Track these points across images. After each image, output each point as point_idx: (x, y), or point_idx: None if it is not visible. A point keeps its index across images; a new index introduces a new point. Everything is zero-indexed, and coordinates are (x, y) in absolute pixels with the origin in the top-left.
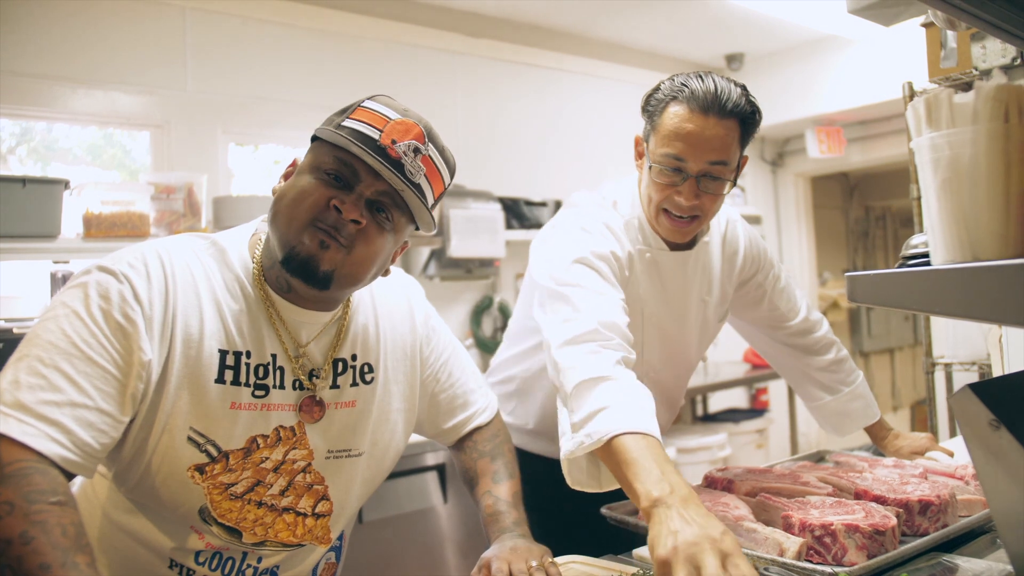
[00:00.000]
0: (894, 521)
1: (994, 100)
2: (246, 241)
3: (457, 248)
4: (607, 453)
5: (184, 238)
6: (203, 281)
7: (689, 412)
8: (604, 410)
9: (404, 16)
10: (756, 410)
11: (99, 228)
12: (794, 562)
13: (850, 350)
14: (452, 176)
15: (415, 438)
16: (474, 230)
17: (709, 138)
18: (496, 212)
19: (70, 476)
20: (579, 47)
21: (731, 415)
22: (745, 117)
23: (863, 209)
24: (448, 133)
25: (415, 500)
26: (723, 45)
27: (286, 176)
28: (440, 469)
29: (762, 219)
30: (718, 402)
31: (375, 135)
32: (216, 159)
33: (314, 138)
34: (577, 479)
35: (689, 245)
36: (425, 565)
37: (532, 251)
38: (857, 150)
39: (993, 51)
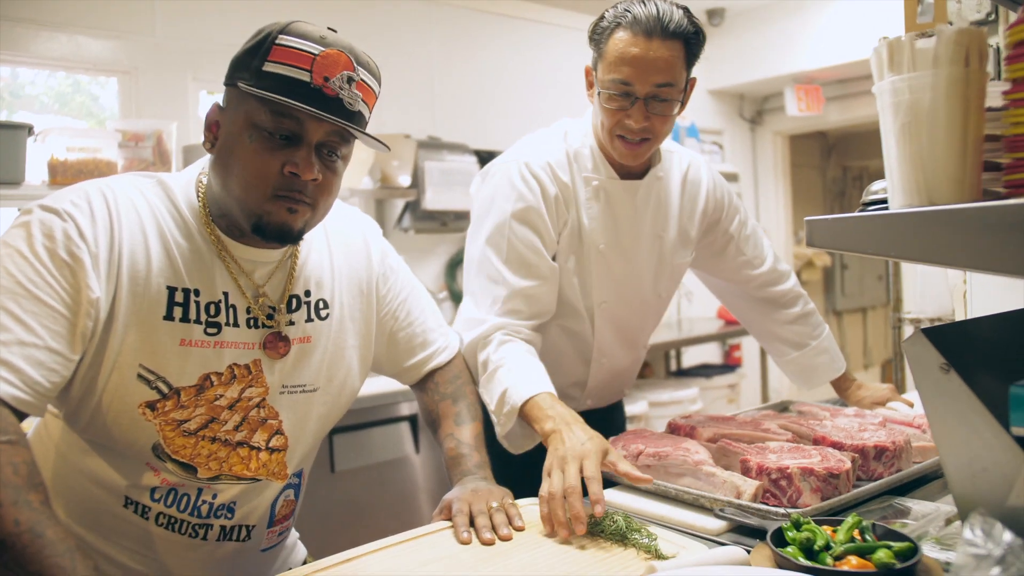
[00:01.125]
0: (848, 465)
1: (955, 44)
2: (192, 182)
3: (432, 200)
4: (522, 418)
5: (128, 176)
6: (149, 218)
7: (662, 366)
8: (505, 391)
9: None
10: (729, 365)
11: (65, 175)
12: (749, 503)
13: (823, 309)
14: (380, 82)
15: (388, 387)
16: (449, 183)
17: (653, 60)
18: (472, 165)
19: (21, 416)
20: None
21: (703, 370)
22: (689, 37)
23: (840, 169)
24: (424, 85)
25: (388, 450)
26: None
27: (211, 127)
28: (413, 420)
29: (739, 177)
30: (691, 357)
31: (305, 77)
32: (187, 107)
33: (231, 84)
34: (518, 444)
35: (640, 176)
36: (397, 514)
37: (472, 193)
38: (835, 109)
39: (969, 6)
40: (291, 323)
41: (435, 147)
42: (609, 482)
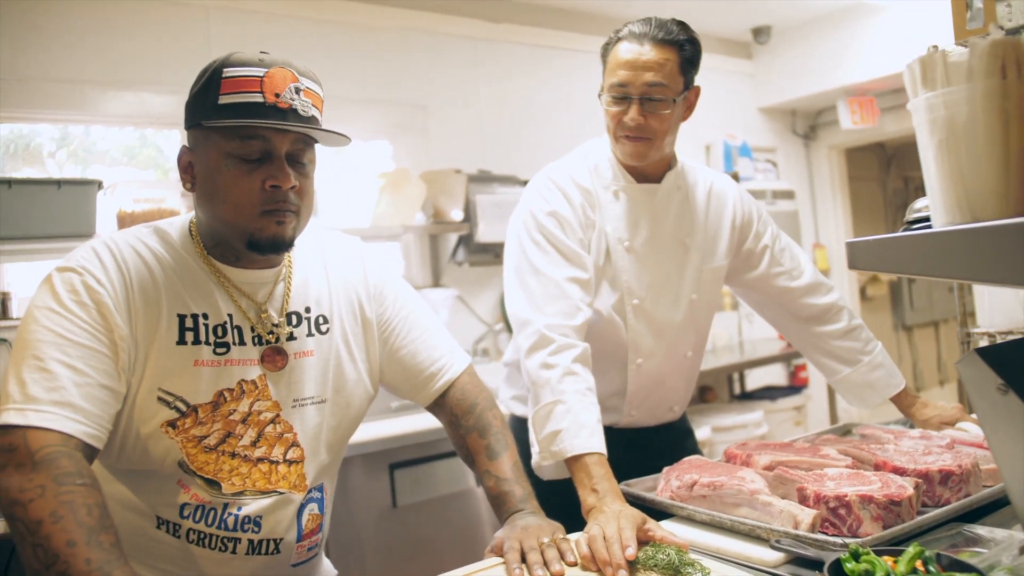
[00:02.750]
0: (911, 491)
1: (989, 56)
2: (185, 224)
3: (485, 233)
4: (566, 467)
5: (126, 230)
6: (151, 258)
7: (726, 390)
8: (559, 434)
9: (426, 5)
10: (795, 387)
11: (132, 226)
12: (807, 534)
13: (891, 325)
14: (322, 87)
15: None
16: (501, 215)
17: (645, 62)
18: None
19: (90, 457)
20: (602, 27)
21: (768, 392)
22: (682, 44)
23: (902, 180)
24: (473, 119)
25: (450, 483)
26: (749, 18)
27: (187, 170)
28: None
29: (795, 194)
30: (755, 380)
31: (259, 98)
32: None
33: (194, 125)
34: (548, 474)
35: (657, 181)
36: (460, 547)
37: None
38: (892, 119)
39: (1019, 9)
40: (293, 337)
41: (485, 180)
42: (663, 513)
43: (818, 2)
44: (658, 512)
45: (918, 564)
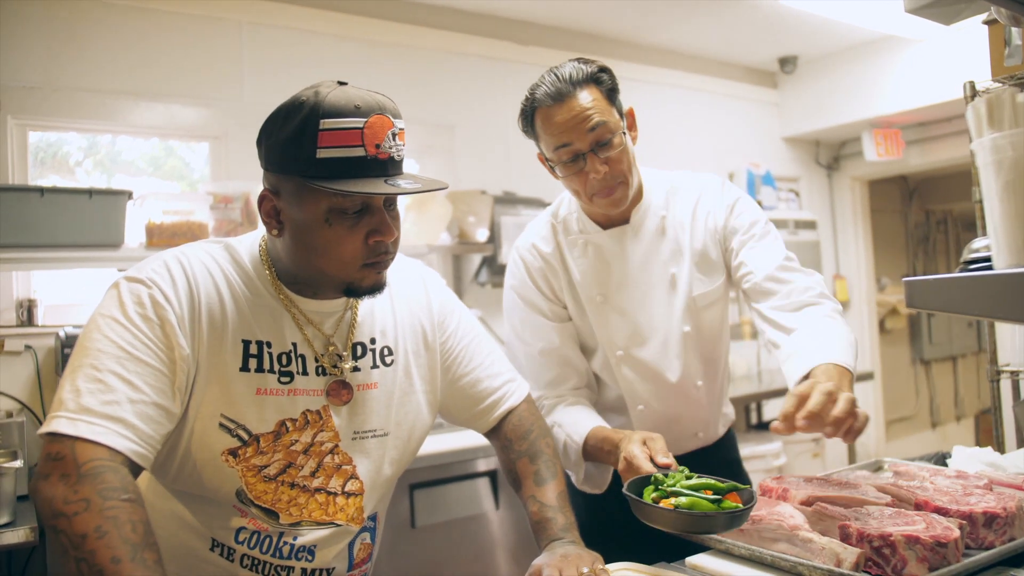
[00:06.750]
0: (957, 533)
1: None
2: (256, 244)
3: (509, 254)
4: (589, 455)
5: (198, 243)
6: (221, 279)
7: (743, 420)
8: (565, 443)
9: (455, 26)
10: None
11: (160, 237)
12: (851, 573)
13: (909, 358)
14: (401, 115)
15: (468, 443)
16: None
17: (577, 114)
18: None
19: (135, 473)
20: (629, 53)
21: None
22: (595, 76)
23: (923, 213)
24: (499, 140)
25: (467, 506)
26: (775, 48)
27: (269, 213)
28: (492, 475)
29: (817, 224)
30: (773, 410)
31: (360, 152)
32: None
33: (283, 172)
34: (598, 483)
35: (625, 221)
36: (477, 571)
37: None
38: (916, 152)
39: None
40: (357, 369)
41: (511, 202)
42: (700, 547)
43: (845, 34)
44: (695, 545)
45: None
